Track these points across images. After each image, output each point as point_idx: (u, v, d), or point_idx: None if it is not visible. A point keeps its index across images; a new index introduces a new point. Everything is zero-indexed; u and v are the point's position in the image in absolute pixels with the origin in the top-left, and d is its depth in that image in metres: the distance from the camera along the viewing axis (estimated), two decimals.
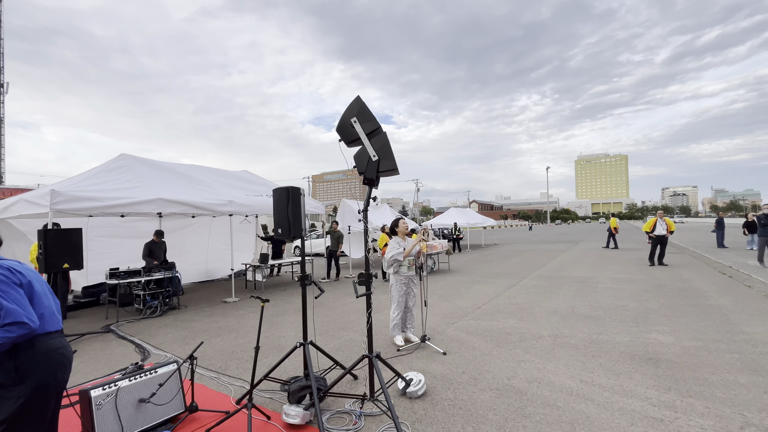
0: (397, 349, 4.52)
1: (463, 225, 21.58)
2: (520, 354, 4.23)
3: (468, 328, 5.33)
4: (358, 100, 2.80)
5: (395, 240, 4.86)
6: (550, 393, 3.24)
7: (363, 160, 2.81)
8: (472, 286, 8.81)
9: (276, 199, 3.12)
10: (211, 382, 3.76)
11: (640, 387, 3.30)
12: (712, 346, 4.25)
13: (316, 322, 6.03)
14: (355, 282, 2.90)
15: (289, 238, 3.07)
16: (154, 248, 7.80)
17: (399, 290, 4.75)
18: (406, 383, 3.23)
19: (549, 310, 6.24)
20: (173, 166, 8.02)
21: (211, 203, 7.27)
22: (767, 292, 6.90)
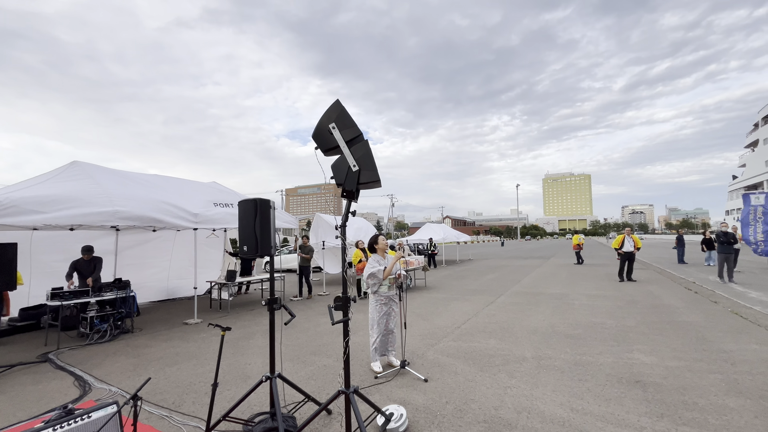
0: (374, 377, 4.17)
1: (439, 240, 21.57)
2: (505, 379, 3.99)
3: (449, 351, 5.06)
4: (337, 104, 2.54)
5: (374, 258, 4.57)
6: (541, 425, 3.00)
7: (342, 170, 2.53)
8: (449, 304, 8.59)
9: (242, 213, 2.76)
10: (161, 423, 3.26)
11: (632, 414, 3.13)
12: (695, 366, 4.19)
13: (286, 346, 5.57)
14: (330, 307, 2.58)
15: (256, 256, 2.72)
16: (81, 267, 7.03)
17: (379, 311, 4.44)
18: (386, 419, 2.90)
19: (529, 329, 6.09)
20: (133, 175, 7.41)
21: (174, 216, 6.72)
22: (733, 308, 7.10)
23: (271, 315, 2.86)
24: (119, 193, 6.23)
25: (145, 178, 7.52)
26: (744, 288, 9.74)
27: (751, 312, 6.77)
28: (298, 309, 8.60)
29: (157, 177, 8.10)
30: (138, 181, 7.20)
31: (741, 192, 54.20)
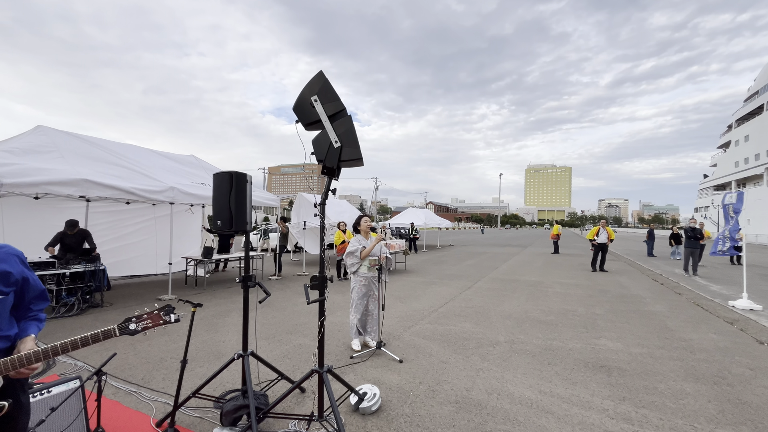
0: (350, 356, 4.18)
1: (420, 225, 21.70)
2: (477, 362, 4.08)
3: (425, 333, 5.13)
4: (320, 75, 2.41)
5: (356, 238, 4.54)
6: (510, 406, 3.09)
7: (323, 146, 2.43)
8: (428, 288, 8.70)
9: (216, 185, 2.64)
10: (128, 399, 3.18)
11: (597, 397, 3.26)
12: (657, 353, 4.39)
13: (262, 324, 5.52)
14: (306, 286, 2.53)
15: (231, 232, 2.61)
16: (68, 240, 6.71)
17: (359, 292, 4.43)
18: (359, 398, 2.91)
19: (504, 314, 6.24)
20: (104, 143, 7.02)
21: (148, 189, 6.44)
22: (695, 300, 7.47)
23: (245, 293, 2.78)
24: (87, 162, 5.90)
25: (117, 148, 7.15)
26: (706, 281, 10.25)
27: (711, 304, 7.14)
28: (276, 288, 8.52)
29: (131, 147, 7.72)
30: (109, 150, 6.83)
31: (710, 191, 56.70)
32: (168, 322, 1.45)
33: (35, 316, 1.56)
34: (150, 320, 1.45)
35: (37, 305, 1.58)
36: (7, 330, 1.44)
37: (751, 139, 45.21)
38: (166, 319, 1.45)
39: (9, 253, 1.48)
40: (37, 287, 1.56)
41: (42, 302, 1.61)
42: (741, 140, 47.83)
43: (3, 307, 1.42)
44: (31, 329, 1.51)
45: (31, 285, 1.53)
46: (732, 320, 5.91)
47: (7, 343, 1.44)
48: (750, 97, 48.36)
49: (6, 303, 1.43)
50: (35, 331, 1.51)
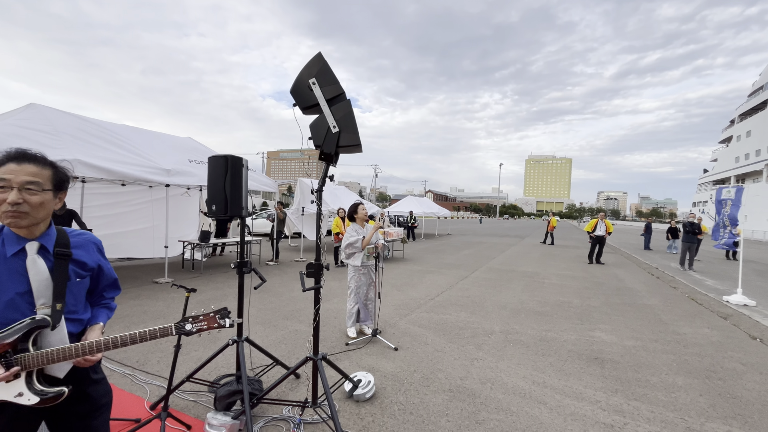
0: (345, 343, 4.19)
1: (419, 214, 21.68)
2: (472, 351, 4.10)
3: (420, 321, 5.14)
4: (318, 57, 2.33)
5: (353, 227, 4.49)
6: (503, 396, 3.11)
7: (320, 130, 2.37)
8: (425, 276, 8.72)
9: (211, 169, 2.57)
10: (123, 381, 3.19)
11: (589, 389, 3.28)
12: (650, 346, 4.42)
13: (258, 309, 5.52)
14: (302, 273, 2.50)
15: (226, 216, 2.56)
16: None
17: (357, 281, 4.42)
18: (353, 385, 2.92)
19: (500, 304, 6.26)
20: (99, 123, 6.89)
21: (143, 171, 6.35)
22: (690, 294, 7.51)
23: (240, 278, 2.75)
24: (80, 142, 5.79)
25: (112, 128, 7.01)
26: (702, 276, 10.31)
27: (706, 299, 7.18)
28: (273, 273, 8.53)
29: (126, 127, 7.58)
30: (104, 129, 6.70)
31: (709, 185, 56.72)
32: (222, 326, 1.46)
33: (107, 304, 1.61)
34: (205, 322, 1.47)
35: (110, 293, 1.63)
36: (81, 314, 1.48)
37: (753, 135, 44.98)
38: (220, 323, 1.47)
39: (88, 240, 1.52)
40: (110, 276, 1.59)
41: (114, 291, 1.65)
42: (743, 135, 47.59)
43: (80, 290, 1.46)
44: (101, 317, 1.55)
45: (105, 273, 1.56)
46: (726, 315, 5.95)
47: (80, 327, 1.47)
48: (754, 92, 47.91)
49: (83, 286, 1.47)
50: (104, 320, 1.55)
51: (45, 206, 1.32)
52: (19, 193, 1.25)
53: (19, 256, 1.32)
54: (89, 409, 1.46)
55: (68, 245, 1.42)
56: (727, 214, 8.38)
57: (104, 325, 1.53)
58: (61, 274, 1.37)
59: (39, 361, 1.30)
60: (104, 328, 1.52)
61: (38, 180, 1.29)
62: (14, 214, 1.25)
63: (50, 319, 1.32)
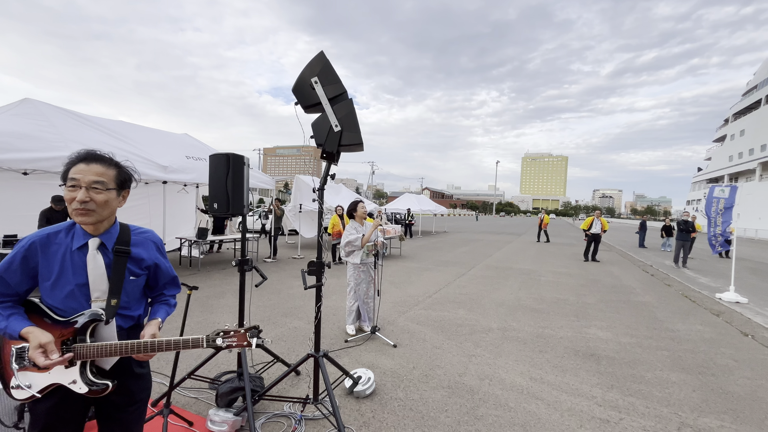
0: (345, 340, 4.22)
1: (416, 211, 21.73)
2: (470, 348, 4.15)
3: (419, 318, 5.18)
4: (321, 56, 2.33)
5: (352, 224, 4.51)
6: (501, 392, 3.15)
7: (323, 129, 2.38)
8: (423, 274, 8.76)
9: (213, 168, 2.58)
10: None
11: (586, 385, 3.33)
12: (645, 343, 4.49)
13: (257, 306, 5.54)
14: (303, 271, 2.51)
15: (228, 214, 2.58)
16: (53, 217, 6.58)
17: (356, 278, 4.45)
18: (354, 382, 2.95)
19: (497, 301, 6.32)
20: (94, 119, 6.84)
21: (140, 168, 6.31)
22: (684, 292, 7.62)
23: (242, 276, 2.77)
24: (77, 137, 5.75)
25: (108, 124, 6.97)
26: (695, 273, 10.45)
27: (699, 296, 7.29)
28: (271, 271, 8.53)
29: (122, 123, 7.53)
30: (100, 125, 6.66)
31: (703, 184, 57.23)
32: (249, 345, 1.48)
33: (167, 300, 1.66)
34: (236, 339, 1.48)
35: (170, 290, 1.68)
36: (134, 310, 1.53)
37: (746, 134, 45.41)
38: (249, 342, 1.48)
39: (147, 239, 1.57)
40: (169, 273, 1.65)
41: (174, 288, 1.70)
42: (737, 134, 48.03)
43: (134, 288, 1.51)
44: (160, 312, 1.60)
45: (163, 270, 1.61)
46: (718, 312, 6.05)
47: (130, 323, 1.52)
48: (748, 92, 48.31)
49: (137, 284, 1.52)
50: (163, 315, 1.60)
51: (109, 204, 1.39)
52: (87, 192, 1.31)
53: (82, 251, 1.40)
54: (127, 401, 1.51)
55: (128, 243, 1.48)
56: (721, 213, 8.49)
57: (162, 320, 1.58)
58: (118, 271, 1.43)
59: (92, 352, 1.36)
60: (162, 323, 1.57)
61: (103, 179, 1.35)
62: (82, 211, 1.32)
63: (104, 313, 1.39)
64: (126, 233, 1.49)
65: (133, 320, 1.53)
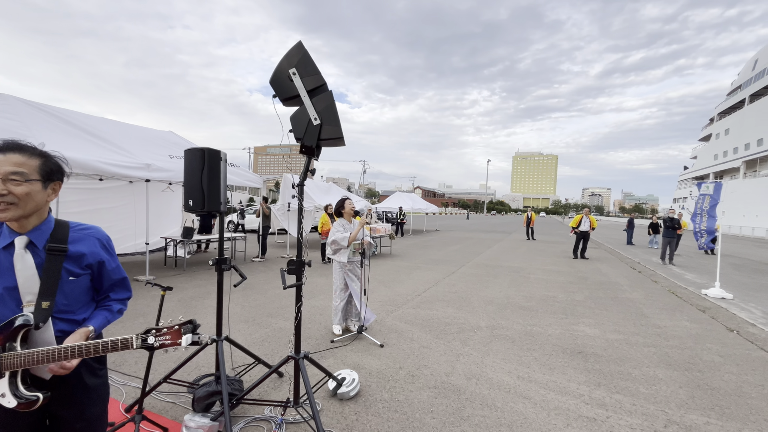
0: (331, 341, 4.14)
1: (407, 210, 21.70)
2: (458, 347, 4.09)
3: (407, 317, 5.12)
4: (299, 47, 2.24)
5: (339, 222, 4.42)
6: (488, 391, 3.10)
7: (301, 123, 2.29)
8: (412, 272, 8.71)
9: (187, 163, 2.47)
10: None
11: (573, 383, 3.30)
12: (632, 339, 4.49)
13: (242, 307, 5.42)
14: (283, 270, 2.42)
15: (203, 212, 2.47)
16: None
17: (342, 277, 4.36)
18: (337, 383, 2.87)
19: (486, 299, 6.29)
20: (73, 114, 6.62)
21: (120, 165, 6.12)
22: (671, 288, 7.69)
23: (219, 276, 2.67)
24: (51, 134, 5.56)
25: (87, 120, 6.75)
26: (681, 270, 10.58)
27: (686, 292, 7.36)
28: (259, 270, 8.40)
29: (103, 120, 7.32)
30: (78, 121, 6.44)
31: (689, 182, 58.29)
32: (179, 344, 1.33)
33: (109, 306, 1.49)
34: (170, 336, 1.33)
35: (118, 293, 1.52)
36: (79, 313, 1.40)
37: (731, 133, 46.36)
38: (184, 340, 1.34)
39: (89, 236, 1.43)
40: (116, 275, 1.49)
41: (122, 291, 1.54)
42: (722, 133, 49.01)
43: (74, 289, 1.37)
44: (95, 320, 1.43)
45: (109, 270, 1.46)
46: (704, 308, 6.10)
47: (74, 327, 1.38)
48: (733, 91, 49.33)
49: (79, 285, 1.38)
50: (99, 323, 1.42)
51: (33, 197, 1.26)
52: (3, 184, 1.20)
53: (8, 251, 1.28)
54: (76, 415, 1.38)
55: (65, 240, 1.34)
56: (707, 210, 8.60)
57: (96, 329, 1.40)
58: (53, 271, 1.30)
59: (19, 362, 1.23)
60: (96, 332, 1.39)
61: (23, 170, 1.23)
62: (1, 206, 1.20)
63: (33, 317, 1.26)
64: (62, 230, 1.36)
65: (79, 325, 1.39)
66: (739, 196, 39.82)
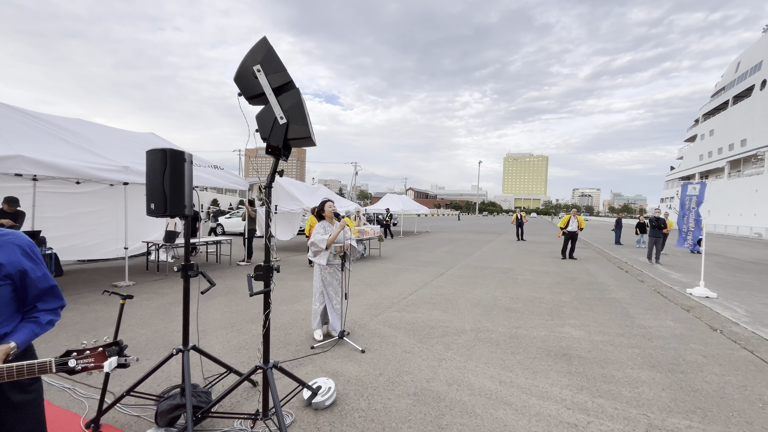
0: (311, 346, 4.03)
1: (398, 211, 21.65)
2: (441, 351, 4.01)
3: (391, 321, 5.03)
4: (263, 42, 2.14)
5: (321, 224, 4.32)
6: (469, 397, 3.02)
7: (267, 122, 2.19)
8: (400, 275, 8.62)
9: (149, 165, 2.35)
10: (61, 396, 2.92)
11: (555, 387, 3.24)
12: (617, 341, 4.46)
13: (223, 313, 5.28)
14: (250, 276, 2.32)
15: (165, 216, 2.35)
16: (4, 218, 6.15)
17: (322, 280, 4.26)
18: (312, 392, 2.76)
19: (473, 301, 6.23)
20: (46, 117, 6.41)
21: (96, 168, 5.94)
22: (656, 287, 7.72)
23: (186, 282, 2.55)
24: (23, 136, 5.36)
25: (61, 122, 6.54)
26: (667, 269, 10.67)
27: (671, 291, 7.39)
28: (243, 274, 8.23)
29: (80, 122, 7.11)
30: (51, 123, 6.24)
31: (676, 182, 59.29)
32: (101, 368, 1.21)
33: (36, 318, 1.36)
34: (93, 359, 1.22)
35: (46, 304, 1.39)
36: (2, 326, 1.28)
37: (715, 134, 47.30)
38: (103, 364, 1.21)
39: (8, 242, 1.30)
40: (42, 283, 1.35)
41: (52, 301, 1.40)
42: (706, 134, 49.98)
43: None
44: (19, 334, 1.31)
45: (33, 279, 1.33)
46: (689, 307, 6.12)
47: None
48: (717, 93, 50.35)
49: None
50: (23, 337, 1.30)
51: None
52: None
53: None
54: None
55: None
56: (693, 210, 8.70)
57: (20, 344, 1.29)
58: None
59: None
60: (20, 348, 1.28)
61: None
62: None
63: None
64: None
65: (1, 340, 1.28)
66: (724, 195, 40.61)
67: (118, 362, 1.22)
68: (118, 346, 1.24)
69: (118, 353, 1.22)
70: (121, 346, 1.24)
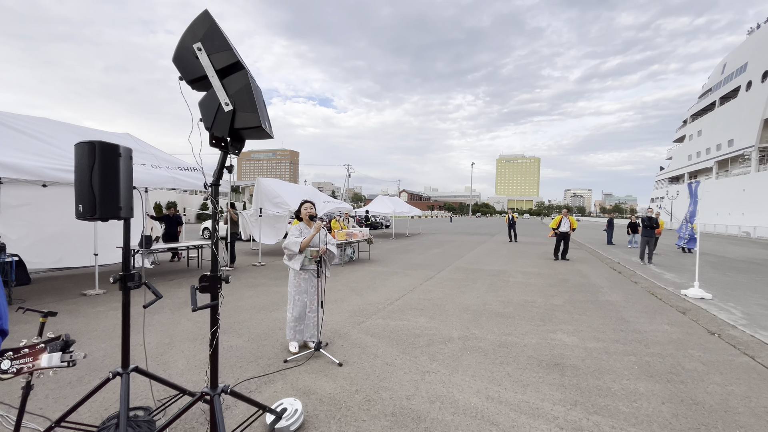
0: (284, 360, 3.71)
1: (390, 213, 21.38)
2: (425, 363, 3.72)
3: (375, 329, 4.72)
4: (205, 15, 1.84)
5: (298, 227, 4.03)
6: (452, 417, 2.73)
7: (210, 109, 1.89)
8: (388, 279, 8.32)
9: (77, 161, 2.03)
10: None
11: (547, 402, 2.96)
12: (611, 348, 4.21)
13: (195, 322, 4.92)
14: (194, 287, 2.01)
15: (95, 219, 2.02)
16: None
17: (296, 287, 3.96)
18: (276, 417, 2.45)
19: (462, 306, 5.95)
20: (9, 115, 6.02)
21: (61, 169, 5.56)
22: (650, 289, 7.53)
23: (125, 295, 2.23)
24: None
25: (26, 121, 6.15)
26: (660, 269, 10.52)
27: (665, 293, 7.19)
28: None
29: (46, 121, 6.71)
30: (15, 122, 5.85)
31: (666, 182, 59.89)
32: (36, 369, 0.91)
33: None
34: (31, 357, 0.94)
35: None
36: None
37: (703, 134, 47.87)
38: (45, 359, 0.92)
39: None
40: None
41: None
42: (695, 135, 50.57)
43: None
44: None
45: None
46: (684, 310, 5.91)
47: None
48: (704, 94, 51.02)
49: None
50: None
51: None
52: None
53: None
54: None
55: None
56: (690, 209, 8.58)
57: None
58: None
59: None
60: None
61: None
62: None
63: None
64: None
65: None
66: (713, 195, 41.02)
67: (62, 359, 0.92)
68: (64, 341, 0.95)
69: (62, 348, 0.92)
70: (68, 341, 0.95)
